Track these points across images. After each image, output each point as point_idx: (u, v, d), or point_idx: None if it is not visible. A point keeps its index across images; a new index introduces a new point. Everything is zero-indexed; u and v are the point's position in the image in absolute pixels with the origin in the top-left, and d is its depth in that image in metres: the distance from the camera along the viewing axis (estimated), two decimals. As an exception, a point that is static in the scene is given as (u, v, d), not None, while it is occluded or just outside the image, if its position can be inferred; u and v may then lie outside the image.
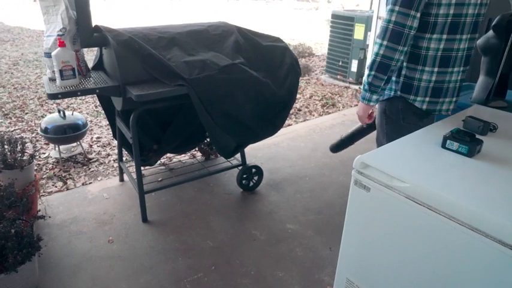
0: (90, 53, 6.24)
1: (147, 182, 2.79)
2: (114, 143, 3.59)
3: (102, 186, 2.88)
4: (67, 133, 3.07)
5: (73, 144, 3.35)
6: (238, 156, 2.82)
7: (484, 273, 1.07)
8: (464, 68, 1.77)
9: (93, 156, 3.40)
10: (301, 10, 17.50)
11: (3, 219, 1.78)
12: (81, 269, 2.06)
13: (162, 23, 2.56)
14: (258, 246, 2.29)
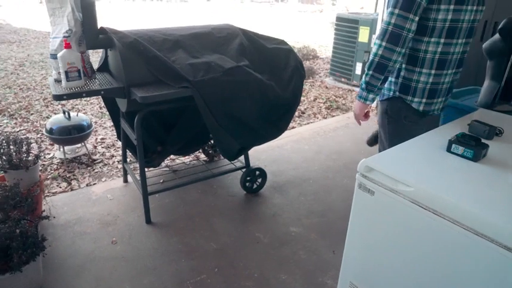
0: (95, 55, 6.27)
1: (151, 184, 2.79)
2: (118, 144, 3.61)
3: (106, 187, 2.90)
4: (72, 134, 3.08)
5: (78, 145, 3.37)
6: (242, 158, 2.82)
7: (489, 277, 1.07)
8: (456, 70, 1.83)
9: (97, 157, 3.41)
10: (305, 13, 17.52)
11: (8, 219, 1.79)
12: (84, 270, 2.07)
13: (167, 25, 2.57)
14: (262, 248, 2.29)
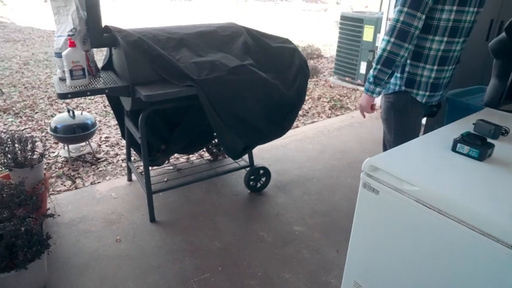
0: (99, 53, 6.29)
1: (155, 182, 2.80)
2: (122, 143, 3.62)
3: (110, 185, 2.90)
4: (76, 132, 3.10)
5: (82, 143, 3.38)
6: (246, 157, 2.82)
7: (494, 277, 1.06)
8: (455, 66, 1.97)
9: (101, 155, 3.42)
10: (309, 11, 17.47)
11: (13, 217, 1.80)
12: (89, 268, 2.08)
13: (171, 24, 2.57)
14: (265, 247, 2.28)
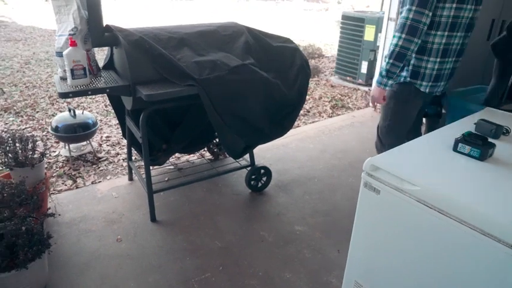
0: (101, 52, 6.29)
1: (156, 182, 2.80)
2: (123, 142, 3.62)
3: (111, 185, 2.90)
4: (77, 132, 3.10)
5: (83, 143, 3.38)
6: (247, 156, 2.82)
7: (495, 277, 1.06)
8: (456, 59, 2.13)
9: (102, 155, 3.42)
10: (311, 11, 17.44)
11: (14, 216, 1.80)
12: (89, 268, 2.08)
13: (173, 24, 2.57)
14: (266, 247, 2.28)
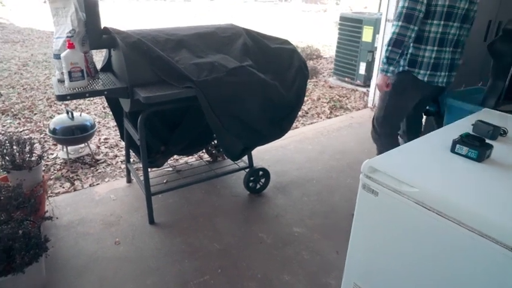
0: (99, 54, 6.29)
1: (155, 184, 2.79)
2: (121, 144, 3.61)
3: (109, 187, 2.90)
4: (75, 134, 3.09)
5: (81, 145, 3.37)
6: (245, 158, 2.81)
7: (494, 279, 1.06)
8: (454, 49, 2.23)
9: (100, 157, 3.41)
10: (309, 12, 17.48)
11: (11, 220, 1.79)
12: (88, 270, 2.07)
13: (171, 25, 2.57)
14: (265, 249, 2.28)
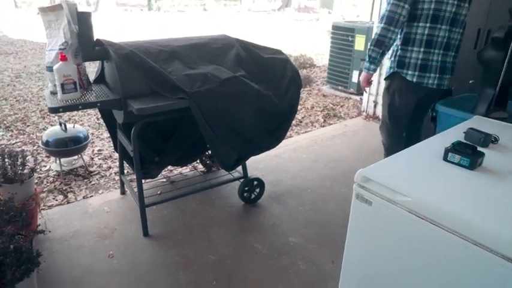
0: (92, 65, 6.29)
1: (149, 195, 2.77)
2: (115, 156, 3.59)
3: (103, 199, 2.87)
4: (68, 146, 3.07)
5: (74, 157, 3.35)
6: (239, 168, 2.80)
7: (488, 287, 1.06)
8: (445, 52, 2.28)
9: (94, 169, 3.39)
10: (302, 21, 17.64)
11: (2, 234, 1.76)
12: (81, 284, 2.04)
13: (165, 36, 2.57)
14: (260, 259, 2.26)
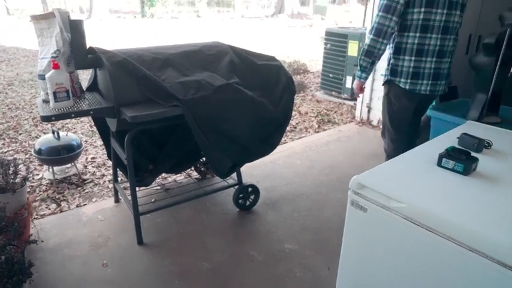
0: (85, 72, 6.26)
1: (143, 203, 2.75)
2: (109, 164, 3.56)
3: (96, 207, 2.85)
4: (61, 154, 3.04)
5: (67, 165, 3.32)
6: (234, 175, 2.80)
7: (485, 294, 1.05)
8: (439, 59, 2.32)
9: (87, 177, 3.36)
10: (295, 27, 17.74)
11: (-7, 245, 1.74)
12: (74, 295, 2.01)
13: (159, 43, 2.57)
14: (256, 267, 2.25)
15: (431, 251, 1.15)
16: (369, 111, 4.75)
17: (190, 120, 2.15)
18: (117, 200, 2.90)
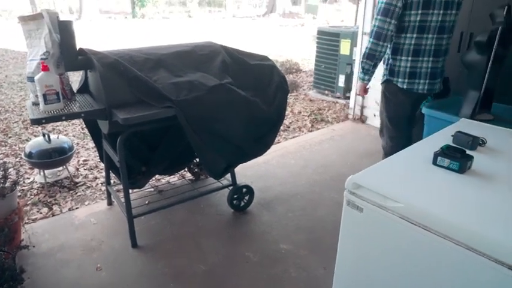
0: (76, 74, 6.19)
1: (136, 206, 2.71)
2: (101, 166, 3.53)
3: (89, 211, 2.81)
4: (52, 157, 3.00)
5: (59, 168, 3.27)
6: (228, 176, 2.78)
7: (482, 293, 1.05)
8: (435, 59, 2.36)
9: (80, 180, 3.32)
10: (287, 27, 17.73)
11: (-17, 251, 1.71)
12: (67, 300, 1.98)
13: (150, 43, 2.54)
14: (251, 268, 2.24)
15: (428, 250, 1.14)
16: (362, 109, 4.76)
17: (183, 121, 2.13)
18: (110, 203, 2.87)
